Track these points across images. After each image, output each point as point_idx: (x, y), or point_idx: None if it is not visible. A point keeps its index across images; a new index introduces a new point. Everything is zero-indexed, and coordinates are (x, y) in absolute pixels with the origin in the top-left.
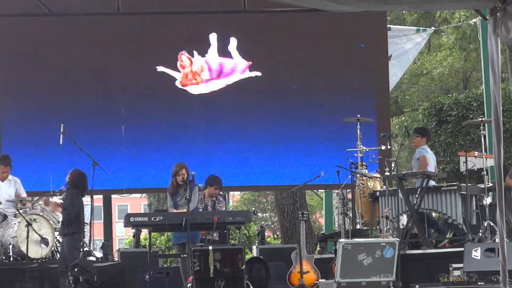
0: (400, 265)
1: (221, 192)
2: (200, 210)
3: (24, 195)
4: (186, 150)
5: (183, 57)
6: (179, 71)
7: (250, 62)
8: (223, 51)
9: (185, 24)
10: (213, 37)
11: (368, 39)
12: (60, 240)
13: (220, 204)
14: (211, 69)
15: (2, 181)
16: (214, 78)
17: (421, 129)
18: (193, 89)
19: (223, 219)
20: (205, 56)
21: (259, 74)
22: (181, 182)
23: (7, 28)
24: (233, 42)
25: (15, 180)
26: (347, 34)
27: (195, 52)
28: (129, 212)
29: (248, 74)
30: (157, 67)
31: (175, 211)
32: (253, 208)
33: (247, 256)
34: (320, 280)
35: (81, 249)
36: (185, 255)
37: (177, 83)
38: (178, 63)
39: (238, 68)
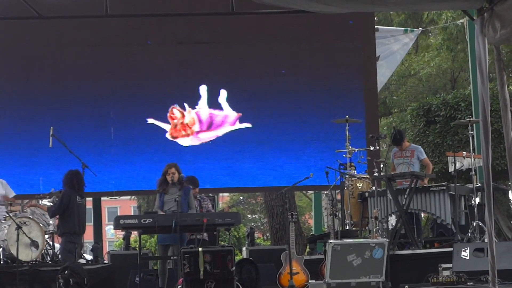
0: (389, 265)
1: (210, 194)
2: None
3: (12, 195)
4: (175, 151)
5: (175, 110)
6: (168, 123)
7: (240, 114)
8: (214, 103)
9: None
10: (203, 89)
11: (356, 40)
12: (50, 242)
13: (205, 202)
14: (201, 121)
15: None
16: (205, 130)
17: (402, 132)
18: (184, 141)
19: (212, 220)
20: (195, 108)
21: (249, 125)
22: (170, 181)
23: None
24: (223, 94)
25: (1, 182)
26: (335, 36)
27: (186, 105)
28: (118, 214)
29: (239, 125)
30: (147, 119)
31: (160, 212)
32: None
33: (237, 258)
34: (310, 281)
35: (75, 252)
36: (175, 257)
37: (168, 135)
38: (168, 115)
39: (229, 119)
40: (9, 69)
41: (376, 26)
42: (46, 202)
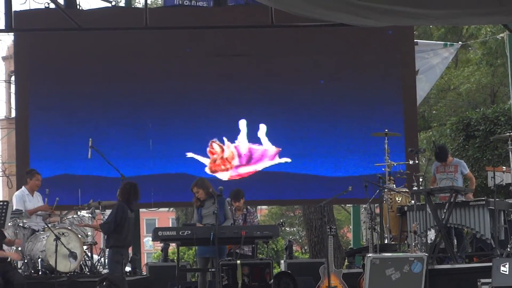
0: (428, 280)
1: (248, 207)
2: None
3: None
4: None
5: (214, 144)
6: (208, 157)
7: (280, 149)
8: (253, 138)
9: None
10: (242, 124)
11: (395, 51)
12: (89, 253)
13: (251, 216)
14: (240, 155)
15: (32, 195)
16: (244, 164)
17: (446, 148)
18: (223, 176)
19: (251, 233)
20: (234, 142)
21: (288, 160)
22: (202, 198)
23: (38, 42)
24: (262, 128)
25: (39, 195)
26: (375, 49)
27: (225, 139)
28: (157, 226)
29: (278, 160)
30: (186, 153)
31: (198, 225)
32: (281, 220)
33: (275, 271)
34: None
35: (122, 263)
36: (213, 269)
37: (207, 170)
38: (208, 150)
39: (268, 154)
40: (48, 80)
41: (415, 40)
42: (84, 213)
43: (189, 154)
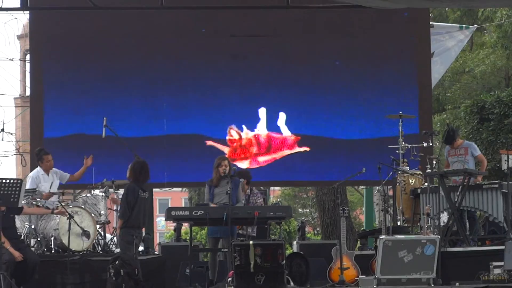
0: (440, 262)
1: (261, 187)
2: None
3: (67, 177)
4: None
5: (232, 131)
6: (227, 146)
7: (299, 137)
8: (272, 126)
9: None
10: (262, 112)
11: (410, 33)
12: (102, 232)
13: (254, 197)
14: (260, 143)
15: (48, 175)
16: (263, 153)
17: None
18: (242, 165)
19: (264, 214)
20: (254, 131)
21: (307, 149)
22: (223, 173)
23: (53, 21)
24: (282, 116)
25: (55, 172)
26: (390, 31)
27: (244, 127)
28: (170, 206)
29: (297, 149)
30: (206, 141)
31: (212, 205)
32: (278, 200)
33: (288, 252)
34: (360, 276)
35: (134, 243)
36: (225, 250)
37: None
38: (227, 137)
39: (287, 143)
40: (64, 59)
41: (431, 23)
42: (98, 192)
43: (209, 143)
